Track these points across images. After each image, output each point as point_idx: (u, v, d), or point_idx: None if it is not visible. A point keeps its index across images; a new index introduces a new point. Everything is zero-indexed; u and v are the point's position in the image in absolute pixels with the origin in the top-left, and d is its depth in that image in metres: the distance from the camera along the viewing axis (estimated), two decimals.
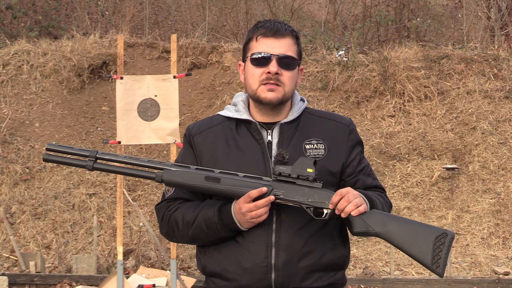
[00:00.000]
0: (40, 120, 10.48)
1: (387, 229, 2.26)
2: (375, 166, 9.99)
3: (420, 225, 2.31)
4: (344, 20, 14.59)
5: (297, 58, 2.40)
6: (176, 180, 2.33)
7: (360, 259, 8.70)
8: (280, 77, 2.35)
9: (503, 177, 9.86)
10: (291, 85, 2.38)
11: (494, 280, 7.63)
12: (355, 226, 2.27)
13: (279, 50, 2.36)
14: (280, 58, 2.35)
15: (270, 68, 2.34)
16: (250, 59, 2.38)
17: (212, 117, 2.51)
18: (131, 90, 5.87)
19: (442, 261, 2.23)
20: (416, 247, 2.25)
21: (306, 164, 2.27)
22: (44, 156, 2.37)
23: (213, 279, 2.39)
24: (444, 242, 2.23)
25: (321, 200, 2.27)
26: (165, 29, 14.56)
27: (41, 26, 13.31)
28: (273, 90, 2.35)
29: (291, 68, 2.37)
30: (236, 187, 2.27)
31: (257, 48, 2.38)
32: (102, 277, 7.48)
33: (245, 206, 2.26)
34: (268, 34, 2.37)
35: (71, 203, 9.42)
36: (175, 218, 2.39)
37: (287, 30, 2.39)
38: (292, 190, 2.27)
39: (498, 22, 13.04)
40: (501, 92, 10.79)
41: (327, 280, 2.36)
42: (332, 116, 2.49)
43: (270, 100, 2.35)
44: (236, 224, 2.29)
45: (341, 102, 10.92)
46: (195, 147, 2.43)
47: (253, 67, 2.37)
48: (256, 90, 2.37)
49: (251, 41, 2.40)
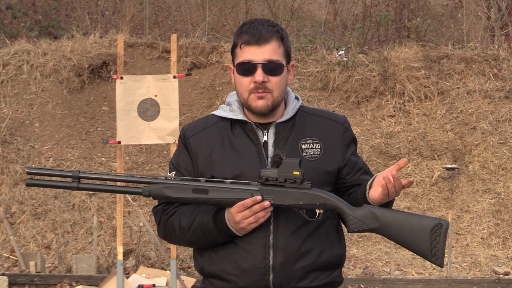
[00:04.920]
0: (40, 120, 10.48)
1: (382, 224, 2.28)
2: (375, 166, 9.99)
3: (413, 216, 2.32)
4: (344, 20, 14.58)
5: (283, 60, 2.38)
6: (163, 194, 2.31)
7: (360, 259, 8.70)
8: (267, 84, 2.34)
9: (503, 177, 9.85)
10: (280, 89, 2.37)
11: (494, 280, 7.63)
12: (350, 226, 2.29)
13: (263, 56, 2.34)
14: (265, 65, 2.34)
15: (256, 77, 2.33)
16: (236, 68, 2.38)
17: (206, 117, 2.50)
18: (131, 90, 5.87)
19: (440, 253, 2.25)
20: (413, 241, 2.27)
21: (291, 167, 2.25)
22: (27, 181, 2.30)
23: (211, 280, 2.40)
24: (440, 233, 2.25)
25: (311, 201, 2.27)
26: (165, 29, 14.55)
27: (41, 26, 13.30)
28: (262, 98, 2.35)
29: (278, 73, 2.36)
30: (224, 196, 2.27)
31: (242, 57, 2.36)
32: (102, 277, 7.48)
33: (239, 215, 2.26)
34: (251, 42, 2.34)
35: (71, 203, 9.42)
36: (172, 223, 2.39)
37: (270, 32, 2.36)
38: (282, 195, 2.26)
39: (498, 22, 13.03)
40: (501, 92, 10.79)
41: (324, 280, 2.37)
42: (327, 114, 2.49)
43: (261, 109, 2.36)
44: (232, 231, 2.30)
45: (341, 102, 10.92)
46: (190, 149, 2.42)
47: (240, 76, 2.37)
48: (247, 99, 2.37)
49: (236, 48, 2.39)
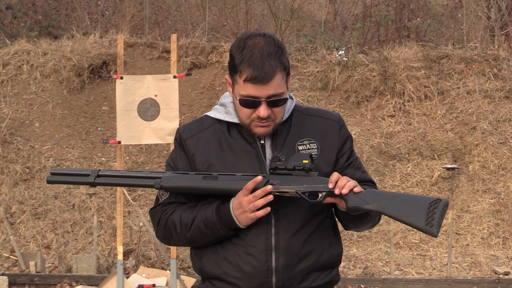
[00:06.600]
0: (40, 120, 10.48)
1: (381, 203, 2.28)
2: (375, 166, 9.99)
3: (413, 196, 2.34)
4: (344, 20, 14.58)
5: (285, 85, 2.34)
6: (174, 184, 2.34)
7: (360, 259, 8.70)
8: (270, 115, 2.32)
9: (503, 177, 9.86)
10: (281, 114, 2.36)
11: (494, 280, 7.63)
12: (349, 201, 2.27)
13: (268, 92, 2.28)
14: (269, 101, 2.30)
15: (261, 112, 2.29)
16: (239, 100, 2.32)
17: (201, 119, 2.48)
18: (131, 90, 5.87)
19: (436, 222, 2.22)
20: (410, 213, 2.26)
21: (302, 157, 2.31)
22: (47, 178, 2.41)
23: (212, 281, 2.39)
24: (437, 206, 2.24)
25: (316, 184, 2.29)
26: (165, 29, 14.56)
27: (41, 26, 13.30)
28: (264, 126, 2.33)
29: (281, 104, 2.34)
30: (233, 182, 2.30)
31: (245, 90, 2.29)
32: (102, 277, 7.48)
33: (244, 199, 2.26)
34: (255, 81, 2.27)
35: (71, 203, 9.42)
36: (172, 221, 2.38)
37: (274, 66, 2.28)
38: (288, 179, 2.30)
39: (498, 22, 13.04)
40: (501, 92, 10.79)
41: (324, 279, 2.38)
42: (321, 113, 2.49)
43: (263, 134, 2.36)
44: (235, 221, 2.29)
45: (341, 102, 10.92)
46: (187, 151, 2.41)
47: (242, 107, 2.33)
48: (248, 125, 2.35)
49: (237, 74, 2.30)
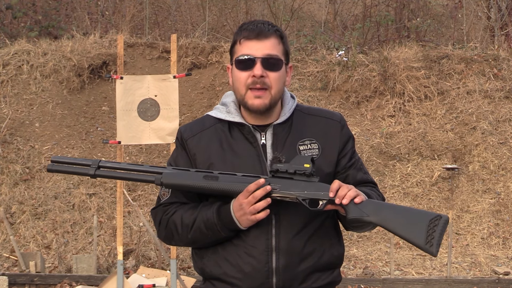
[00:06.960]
0: (40, 120, 10.48)
1: (381, 216, 2.26)
2: (375, 166, 9.99)
3: (414, 210, 2.32)
4: (344, 20, 14.58)
5: (282, 57, 2.37)
6: (175, 181, 2.34)
7: (360, 259, 8.70)
8: (265, 79, 2.33)
9: (503, 177, 9.85)
10: (278, 86, 2.35)
11: (494, 280, 7.63)
12: (350, 212, 2.26)
13: (263, 51, 2.33)
14: (264, 60, 2.33)
15: (255, 71, 2.32)
16: (235, 63, 2.36)
17: (202, 119, 2.49)
18: (131, 90, 5.87)
19: (436, 241, 2.20)
20: (410, 229, 2.24)
21: (303, 160, 2.29)
22: (48, 166, 2.41)
23: (213, 282, 2.39)
24: (437, 224, 2.22)
25: (317, 191, 2.27)
26: (165, 29, 14.55)
27: (41, 26, 13.30)
28: (260, 97, 2.33)
29: (277, 69, 2.35)
30: (234, 183, 2.28)
31: (241, 51, 2.35)
32: (102, 277, 7.48)
33: (245, 201, 2.25)
34: (251, 36, 2.34)
35: (71, 203, 9.42)
36: (173, 221, 2.38)
37: (270, 30, 2.36)
38: (289, 184, 2.28)
39: (498, 22, 13.03)
40: (501, 92, 10.79)
41: (325, 280, 2.38)
42: (323, 113, 2.48)
43: (258, 107, 2.34)
44: (236, 223, 2.29)
45: (341, 102, 10.91)
46: (189, 150, 2.43)
47: (238, 71, 2.35)
48: (244, 96, 2.35)
49: (236, 44, 2.38)
